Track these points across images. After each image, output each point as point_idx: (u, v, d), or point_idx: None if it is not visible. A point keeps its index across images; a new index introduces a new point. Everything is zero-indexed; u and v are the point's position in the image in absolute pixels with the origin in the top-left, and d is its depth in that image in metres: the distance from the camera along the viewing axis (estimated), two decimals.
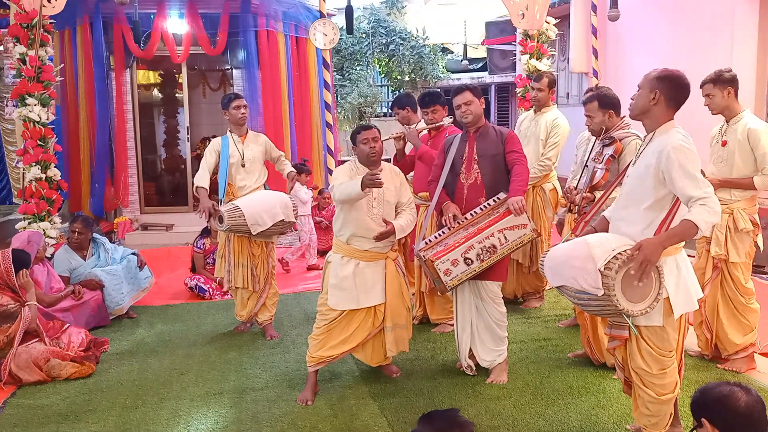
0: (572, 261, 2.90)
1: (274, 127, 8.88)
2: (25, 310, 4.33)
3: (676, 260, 2.90)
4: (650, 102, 2.89)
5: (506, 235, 3.86)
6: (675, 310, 2.87)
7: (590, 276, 2.79)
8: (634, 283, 2.77)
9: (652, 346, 2.93)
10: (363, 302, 3.97)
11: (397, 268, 4.09)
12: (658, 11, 8.24)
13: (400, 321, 4.07)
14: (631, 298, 2.79)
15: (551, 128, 5.37)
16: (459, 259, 3.81)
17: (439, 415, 2.09)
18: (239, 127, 5.00)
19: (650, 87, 2.89)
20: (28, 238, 5.02)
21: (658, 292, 2.79)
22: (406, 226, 4.07)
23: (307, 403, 3.88)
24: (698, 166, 2.77)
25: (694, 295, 2.95)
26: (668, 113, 2.89)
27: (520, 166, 3.97)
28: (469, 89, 4.07)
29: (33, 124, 5.83)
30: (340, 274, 3.96)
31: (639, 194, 2.90)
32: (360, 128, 4.09)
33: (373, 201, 3.98)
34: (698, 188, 2.71)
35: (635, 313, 2.80)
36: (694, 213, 2.68)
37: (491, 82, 13.82)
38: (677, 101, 2.88)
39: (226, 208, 4.75)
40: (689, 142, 2.80)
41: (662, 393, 2.97)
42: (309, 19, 8.93)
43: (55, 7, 5.91)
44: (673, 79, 2.87)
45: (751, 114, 4.06)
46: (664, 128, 2.88)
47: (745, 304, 4.12)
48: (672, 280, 2.87)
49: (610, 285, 2.74)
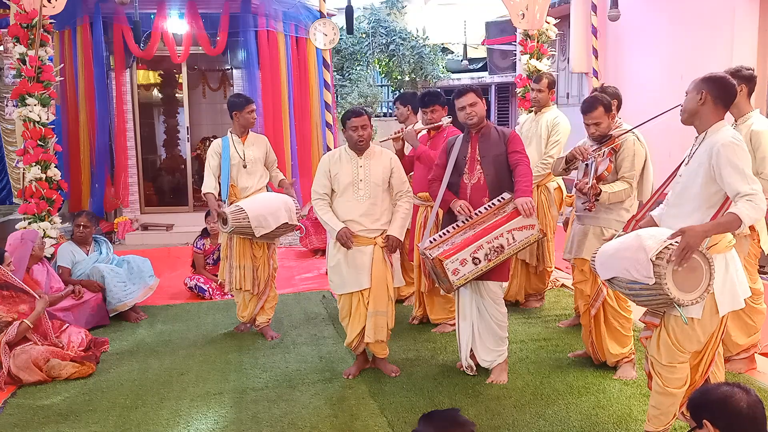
0: (623, 252, 2.98)
1: (274, 127, 8.88)
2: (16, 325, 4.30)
3: (725, 258, 2.93)
4: (698, 103, 2.95)
5: (514, 236, 3.87)
6: (720, 307, 2.90)
7: (642, 266, 2.85)
8: (686, 273, 2.82)
9: (672, 338, 2.95)
10: (352, 286, 4.13)
11: (384, 255, 4.14)
12: (658, 11, 8.23)
13: (381, 308, 4.13)
14: (683, 288, 2.83)
15: (552, 127, 5.38)
16: (468, 258, 3.81)
17: (439, 415, 2.09)
18: (242, 129, 5.01)
19: (697, 89, 2.96)
20: (22, 236, 5.02)
21: (708, 283, 2.83)
22: (404, 221, 4.20)
23: (349, 376, 4.21)
24: (748, 163, 2.82)
25: (741, 294, 2.98)
26: (717, 113, 2.95)
27: (523, 166, 3.98)
28: (473, 91, 4.08)
29: (33, 124, 5.82)
30: (334, 257, 4.16)
31: (691, 192, 2.95)
32: (350, 113, 4.17)
33: (359, 182, 4.10)
34: (746, 183, 2.77)
35: (686, 303, 2.83)
36: (740, 206, 2.75)
37: (491, 82, 13.81)
38: (724, 101, 2.95)
39: (230, 210, 4.75)
40: (739, 139, 2.87)
41: (667, 385, 3.00)
42: (309, 19, 8.93)
43: (55, 7, 5.90)
44: (717, 80, 2.95)
45: (760, 115, 4.00)
46: (715, 128, 2.94)
47: (752, 305, 4.09)
48: (719, 276, 2.89)
49: (662, 274, 2.79)
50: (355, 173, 4.11)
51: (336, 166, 4.18)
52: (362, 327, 4.15)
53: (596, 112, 4.01)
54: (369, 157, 4.16)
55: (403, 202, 4.21)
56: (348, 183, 4.11)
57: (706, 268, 2.83)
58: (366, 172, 4.11)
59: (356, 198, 4.09)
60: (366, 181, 4.10)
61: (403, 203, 4.20)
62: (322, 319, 5.49)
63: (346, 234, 4.04)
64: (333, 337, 4.99)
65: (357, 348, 4.24)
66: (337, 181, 4.15)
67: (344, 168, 4.14)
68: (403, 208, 4.19)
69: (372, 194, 4.11)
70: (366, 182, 4.10)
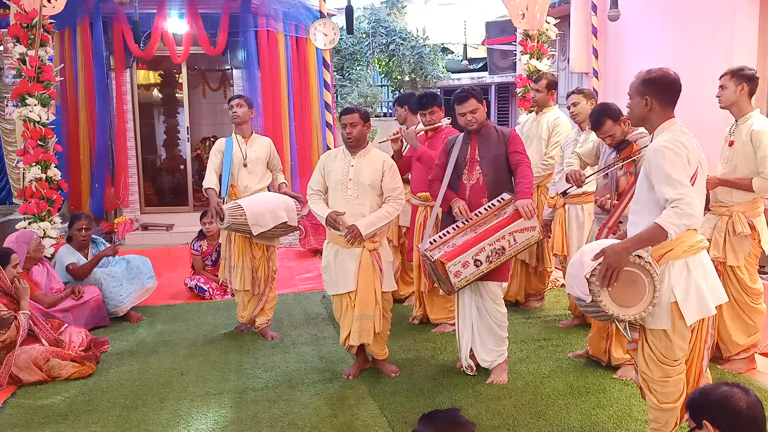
0: (570, 269, 2.97)
1: (274, 127, 8.88)
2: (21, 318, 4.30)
3: (686, 263, 2.77)
4: (644, 109, 2.85)
5: (516, 238, 3.86)
6: (686, 316, 2.75)
7: (581, 282, 2.81)
8: (625, 288, 2.73)
9: (655, 352, 2.85)
10: (340, 288, 4.15)
11: (373, 260, 4.10)
12: (658, 11, 8.23)
13: (368, 312, 4.10)
14: (624, 303, 2.76)
15: (553, 128, 5.38)
16: (470, 261, 3.80)
17: (439, 415, 2.08)
18: (242, 128, 5.01)
19: (640, 94, 2.85)
20: (16, 238, 5.01)
21: (653, 295, 2.75)
22: (377, 221, 4.07)
23: (349, 376, 4.20)
24: (678, 167, 2.67)
25: (712, 300, 2.80)
26: (664, 114, 2.84)
27: (524, 167, 3.97)
28: (473, 96, 4.04)
29: (33, 124, 5.82)
30: (326, 258, 4.20)
31: (642, 198, 2.87)
32: (343, 111, 4.21)
33: (348, 182, 4.10)
34: (673, 190, 2.64)
35: (627, 318, 2.78)
36: (664, 216, 2.63)
37: (491, 82, 13.80)
38: (670, 100, 2.83)
39: (228, 206, 4.75)
40: (676, 142, 2.72)
41: (663, 401, 2.89)
42: (309, 19, 8.93)
43: (55, 7, 5.90)
44: (659, 81, 2.82)
45: (760, 115, 3.99)
46: (660, 129, 2.84)
47: (751, 305, 4.09)
48: (681, 283, 2.76)
49: (596, 291, 2.74)
50: (345, 172, 4.11)
51: (330, 163, 4.20)
52: (349, 329, 4.13)
53: (605, 126, 4.00)
54: (362, 157, 4.15)
55: (389, 205, 4.13)
56: (337, 181, 4.12)
57: (648, 280, 2.74)
58: (356, 171, 4.10)
59: (344, 197, 4.09)
60: (355, 180, 4.09)
61: (387, 205, 4.13)
62: (322, 319, 5.49)
63: (332, 217, 4.04)
64: (333, 337, 4.99)
65: (350, 348, 4.23)
66: (329, 178, 4.18)
67: (337, 166, 4.16)
68: (384, 209, 4.11)
69: (360, 194, 4.08)
70: (355, 182, 4.09)
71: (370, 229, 4.04)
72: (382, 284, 4.14)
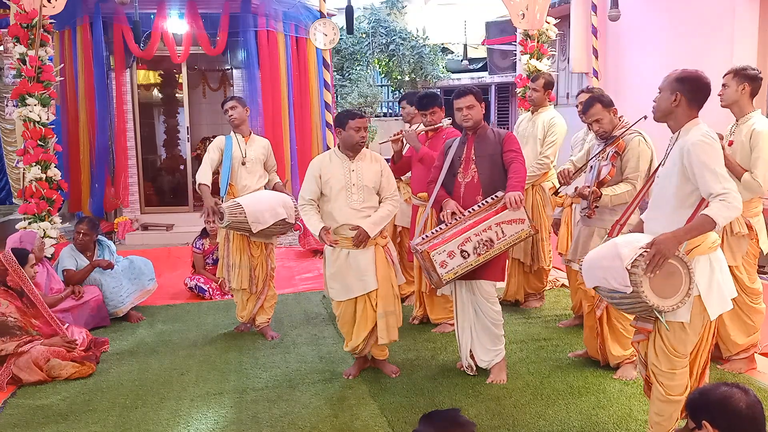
0: (602, 261, 2.96)
1: (274, 127, 8.88)
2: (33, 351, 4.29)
3: (709, 259, 2.88)
4: (672, 104, 2.91)
5: (503, 229, 3.85)
6: (709, 309, 2.86)
7: (618, 274, 2.83)
8: (663, 279, 2.79)
9: (666, 344, 2.92)
10: (357, 291, 4.08)
11: (387, 255, 4.14)
12: (658, 11, 8.23)
13: (390, 307, 4.11)
14: (663, 294, 2.81)
15: (548, 127, 5.38)
16: (455, 251, 3.80)
17: (439, 415, 2.09)
18: (241, 128, 5.02)
19: (671, 89, 2.91)
20: (20, 238, 5.02)
21: (689, 287, 2.80)
22: (381, 220, 4.11)
23: (349, 377, 4.19)
24: (720, 162, 2.78)
25: (728, 295, 2.93)
26: (690, 113, 2.91)
27: (517, 163, 3.99)
28: (472, 93, 4.07)
29: (33, 124, 5.83)
30: (333, 264, 4.11)
31: (667, 193, 2.92)
32: (353, 114, 4.12)
33: (352, 187, 4.08)
34: (718, 183, 2.72)
35: (666, 309, 2.81)
36: (713, 208, 2.71)
37: (491, 82, 13.82)
38: (698, 101, 2.91)
39: (227, 204, 4.75)
40: (711, 137, 2.81)
41: (669, 393, 2.95)
42: (309, 19, 8.93)
43: (55, 7, 5.91)
44: (693, 80, 2.90)
45: (761, 116, 3.99)
46: (687, 127, 2.90)
47: (750, 305, 4.09)
48: (704, 279, 2.85)
49: (638, 282, 2.78)
50: (347, 177, 4.07)
51: (327, 170, 4.11)
52: (369, 331, 4.12)
53: (593, 109, 4.00)
54: (360, 161, 4.13)
55: (388, 203, 4.15)
56: (340, 188, 4.06)
57: (684, 272, 2.80)
58: (358, 176, 4.07)
59: (350, 203, 4.05)
60: (358, 185, 4.07)
61: (387, 204, 4.15)
62: (322, 319, 5.49)
63: (324, 234, 4.03)
64: (333, 337, 4.99)
65: (362, 351, 4.20)
66: (329, 185, 4.08)
67: (336, 172, 4.09)
68: (385, 208, 4.13)
69: (366, 198, 4.08)
70: (359, 186, 4.07)
71: (377, 230, 4.08)
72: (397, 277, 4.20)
